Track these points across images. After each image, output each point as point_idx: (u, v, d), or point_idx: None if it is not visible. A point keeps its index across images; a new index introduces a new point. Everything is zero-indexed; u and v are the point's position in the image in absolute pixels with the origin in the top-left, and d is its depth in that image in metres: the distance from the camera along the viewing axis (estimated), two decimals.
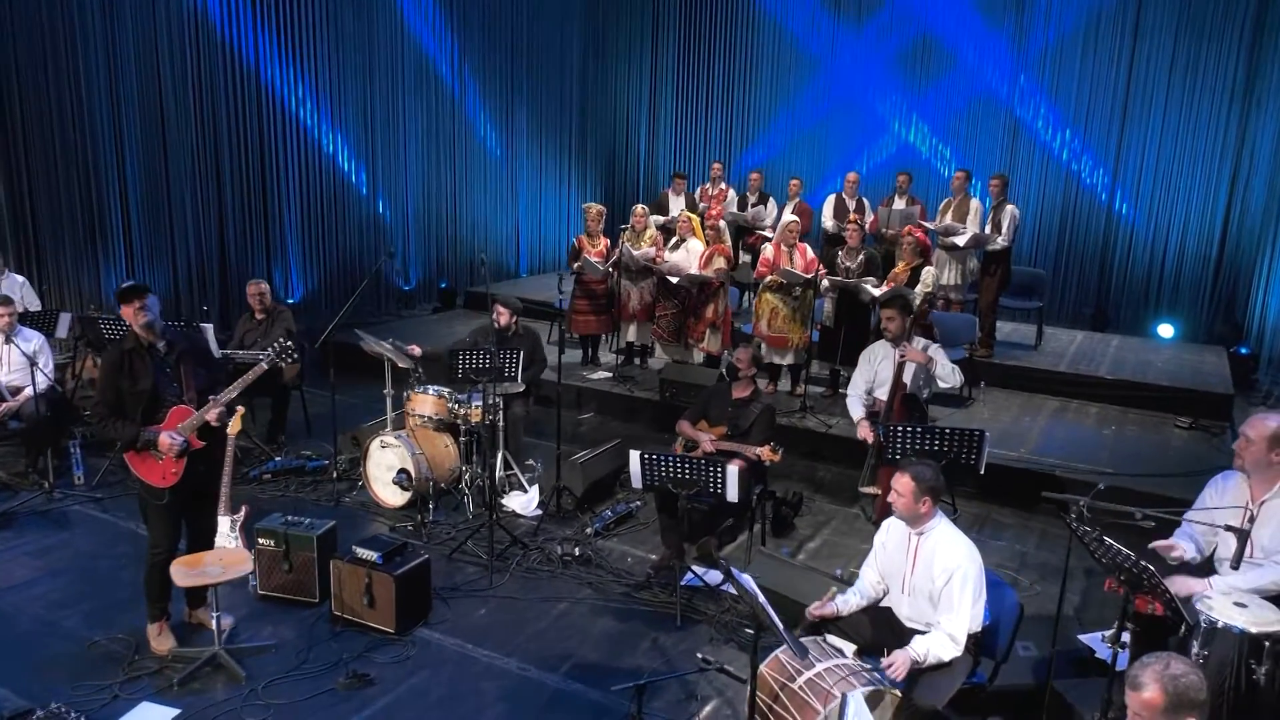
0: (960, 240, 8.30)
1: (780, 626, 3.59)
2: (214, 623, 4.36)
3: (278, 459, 6.67)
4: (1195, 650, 3.30)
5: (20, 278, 7.20)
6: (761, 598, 3.45)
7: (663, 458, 5.00)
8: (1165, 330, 10.19)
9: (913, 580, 3.81)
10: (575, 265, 8.49)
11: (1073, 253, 11.20)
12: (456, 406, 6.17)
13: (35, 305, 7.19)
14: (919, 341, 5.48)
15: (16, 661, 4.38)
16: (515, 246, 13.26)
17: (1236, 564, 3.41)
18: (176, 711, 4.05)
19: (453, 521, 6.00)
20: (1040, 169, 11.29)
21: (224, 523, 5.18)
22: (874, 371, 5.45)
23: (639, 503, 6.27)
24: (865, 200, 9.51)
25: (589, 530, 5.92)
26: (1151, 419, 7.82)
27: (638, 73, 13.98)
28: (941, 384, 5.32)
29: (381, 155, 11.12)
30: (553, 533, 5.90)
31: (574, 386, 8.39)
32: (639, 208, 8.58)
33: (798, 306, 7.65)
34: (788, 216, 8.24)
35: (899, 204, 9.17)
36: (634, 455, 5.03)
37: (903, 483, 3.73)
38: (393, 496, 6.14)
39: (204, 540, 4.60)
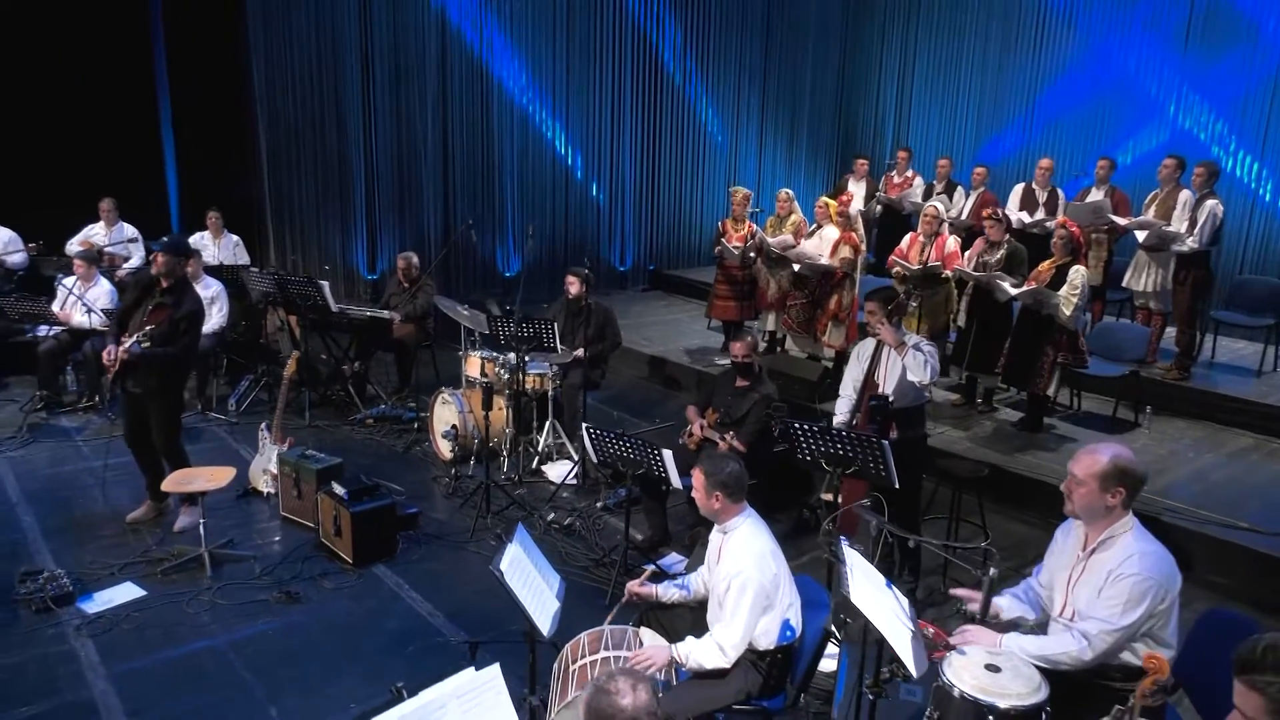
0: (1140, 235, 7.03)
1: (545, 616, 3.52)
2: (200, 526, 5.11)
3: (382, 406, 7.43)
4: (928, 711, 2.72)
5: (235, 237, 8.64)
6: (513, 588, 3.42)
7: (609, 435, 4.94)
8: None
9: (712, 581, 3.51)
10: (716, 249, 8.42)
11: None
12: (503, 372, 6.47)
13: (244, 260, 8.60)
14: (908, 337, 4.83)
15: (77, 530, 5.43)
16: None
17: (982, 616, 2.74)
18: (145, 594, 4.82)
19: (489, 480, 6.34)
20: None
21: (272, 450, 6.01)
22: (861, 369, 4.89)
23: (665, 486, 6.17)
24: (1059, 191, 8.32)
25: (599, 504, 5.97)
26: None
27: (888, 53, 13.19)
28: (910, 376, 4.66)
29: (599, 142, 11.71)
30: (566, 503, 6.04)
31: (695, 370, 8.35)
32: (784, 192, 8.29)
33: (921, 302, 6.98)
34: (930, 204, 7.50)
35: (1096, 195, 7.90)
36: (584, 430, 5.02)
37: (695, 476, 3.44)
38: (446, 449, 6.62)
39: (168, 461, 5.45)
